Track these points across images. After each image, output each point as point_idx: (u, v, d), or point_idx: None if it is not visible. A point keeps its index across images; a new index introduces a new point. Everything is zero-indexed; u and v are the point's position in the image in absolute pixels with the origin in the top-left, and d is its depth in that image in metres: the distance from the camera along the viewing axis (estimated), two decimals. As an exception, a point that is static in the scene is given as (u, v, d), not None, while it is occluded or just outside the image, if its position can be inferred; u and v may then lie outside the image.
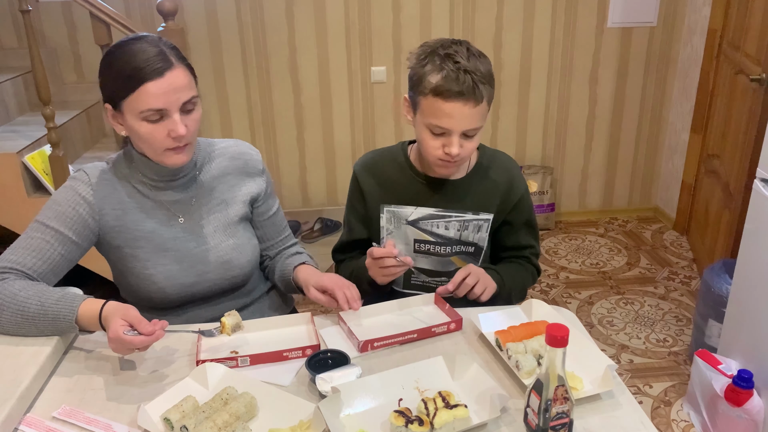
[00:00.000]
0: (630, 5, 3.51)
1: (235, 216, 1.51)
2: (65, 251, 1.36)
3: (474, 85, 1.36)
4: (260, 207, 1.56)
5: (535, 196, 3.70)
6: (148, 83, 1.26)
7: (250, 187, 1.53)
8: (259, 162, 1.55)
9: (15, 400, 1.11)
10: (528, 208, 1.64)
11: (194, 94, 1.33)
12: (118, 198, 1.42)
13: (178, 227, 1.45)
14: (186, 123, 1.32)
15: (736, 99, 2.90)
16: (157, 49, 1.28)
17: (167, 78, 1.27)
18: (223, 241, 1.48)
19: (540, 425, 1.01)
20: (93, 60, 3.32)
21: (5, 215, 2.60)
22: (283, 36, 3.43)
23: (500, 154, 1.65)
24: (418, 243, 1.59)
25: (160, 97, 1.27)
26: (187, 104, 1.31)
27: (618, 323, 2.85)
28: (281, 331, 1.38)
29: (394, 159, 1.62)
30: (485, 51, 1.48)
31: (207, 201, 1.48)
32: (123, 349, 1.19)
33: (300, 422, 1.08)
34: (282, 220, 1.64)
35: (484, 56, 1.42)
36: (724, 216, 2.96)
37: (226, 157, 1.52)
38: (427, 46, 1.43)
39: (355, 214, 1.66)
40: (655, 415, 2.30)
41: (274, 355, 1.27)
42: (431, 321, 1.40)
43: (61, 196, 1.39)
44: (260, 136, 3.59)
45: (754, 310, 2.03)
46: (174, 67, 1.29)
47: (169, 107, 1.28)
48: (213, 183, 1.49)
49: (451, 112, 1.37)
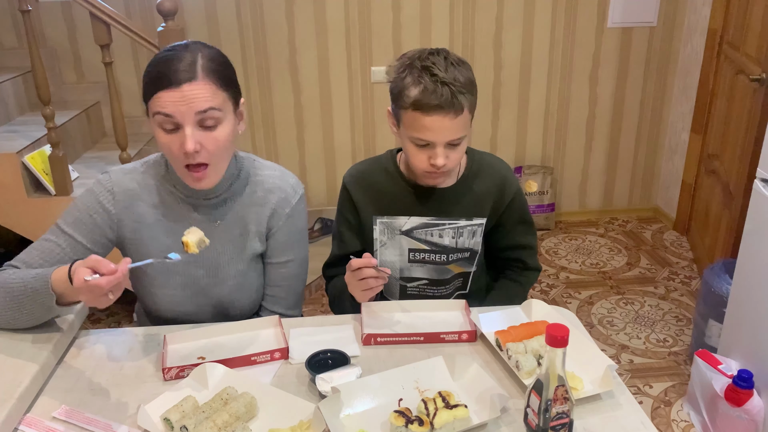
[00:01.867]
0: (630, 5, 3.51)
1: (252, 252, 1.44)
2: (77, 257, 1.31)
3: (452, 96, 1.34)
4: (267, 249, 1.47)
5: (535, 196, 3.70)
6: (161, 92, 1.22)
7: (271, 223, 1.44)
8: (289, 204, 1.44)
9: (15, 400, 1.11)
10: (521, 206, 1.62)
11: (212, 105, 1.23)
12: (141, 210, 1.38)
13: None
14: (202, 140, 1.24)
15: (736, 99, 2.90)
16: (189, 60, 1.22)
17: (184, 89, 1.21)
18: (232, 278, 1.44)
19: (540, 425, 1.01)
20: (93, 60, 3.31)
21: (5, 215, 2.59)
22: (283, 36, 3.43)
23: (490, 156, 1.62)
24: (413, 252, 1.58)
25: (170, 105, 1.22)
26: (205, 119, 1.23)
27: (618, 323, 2.85)
28: (248, 335, 1.36)
29: (383, 169, 1.59)
30: (485, 51, 1.48)
31: (230, 228, 1.42)
32: (94, 298, 1.12)
33: (300, 422, 1.08)
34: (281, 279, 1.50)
35: (463, 63, 1.40)
36: (724, 216, 2.96)
37: (263, 187, 1.43)
38: (405, 58, 1.41)
39: (347, 226, 1.61)
40: (655, 415, 2.29)
41: (242, 360, 1.26)
42: (447, 327, 1.38)
43: (81, 202, 1.38)
44: (260, 136, 3.59)
45: (754, 310, 2.02)
46: (197, 79, 1.22)
47: (178, 116, 1.22)
48: (242, 211, 1.42)
49: (432, 125, 1.36)
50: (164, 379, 1.22)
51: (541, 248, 3.58)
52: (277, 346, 1.31)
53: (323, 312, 2.95)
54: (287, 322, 1.41)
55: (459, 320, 1.42)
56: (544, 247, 3.61)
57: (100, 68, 2.79)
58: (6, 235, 2.96)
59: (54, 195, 2.57)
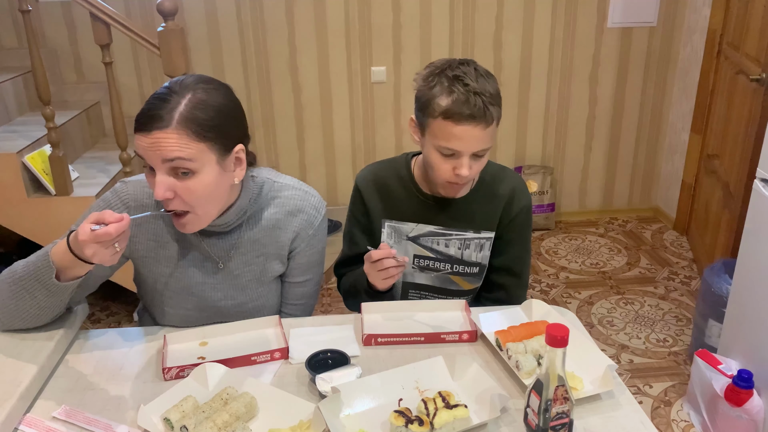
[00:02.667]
0: (630, 5, 3.51)
1: (272, 274, 1.43)
2: (93, 268, 1.25)
3: (485, 106, 1.33)
4: (287, 268, 1.46)
5: (535, 196, 3.70)
6: (136, 133, 1.18)
7: (293, 245, 1.42)
8: (312, 227, 1.42)
9: (15, 400, 1.11)
10: (524, 225, 1.57)
11: (180, 155, 1.16)
12: (156, 227, 1.35)
13: (210, 272, 1.39)
14: (175, 188, 1.19)
15: (736, 99, 2.90)
16: (170, 106, 1.16)
17: (153, 135, 1.16)
18: (251, 301, 1.42)
19: (540, 425, 1.01)
20: (93, 60, 3.32)
21: (5, 215, 2.59)
22: (283, 36, 3.43)
23: (505, 170, 1.60)
24: (418, 258, 1.58)
25: (141, 148, 1.18)
26: (175, 167, 1.17)
27: (618, 323, 2.85)
28: (248, 334, 1.36)
29: (397, 173, 1.58)
30: (485, 51, 1.48)
31: (247, 251, 1.39)
32: (101, 249, 1.10)
33: (300, 422, 1.08)
34: (298, 297, 1.50)
35: (490, 76, 1.40)
36: (724, 216, 2.96)
37: (284, 210, 1.40)
38: (434, 67, 1.40)
39: (359, 227, 1.62)
40: (655, 415, 2.29)
41: (243, 360, 1.26)
42: (447, 327, 1.38)
43: (96, 210, 1.32)
44: (260, 136, 3.59)
45: (754, 310, 2.03)
46: (169, 127, 1.15)
47: (149, 161, 1.18)
48: (258, 234, 1.38)
49: (462, 134, 1.35)
50: (164, 379, 1.23)
51: (541, 248, 3.58)
52: (277, 346, 1.31)
53: (323, 312, 2.95)
54: (287, 322, 1.41)
55: (459, 320, 1.42)
56: (544, 247, 3.61)
57: (100, 68, 2.80)
58: (6, 235, 2.96)
59: (54, 195, 2.57)
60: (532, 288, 3.15)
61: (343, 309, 1.78)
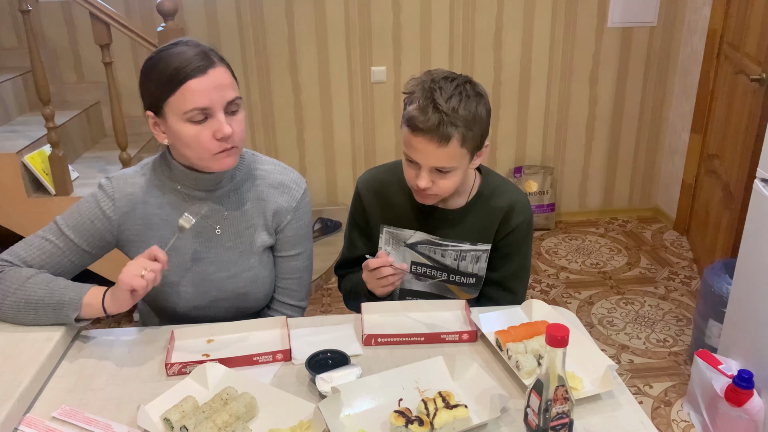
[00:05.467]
0: (630, 5, 3.51)
1: (261, 245, 1.46)
2: (76, 259, 1.39)
3: (439, 125, 1.30)
4: (276, 243, 1.50)
5: (535, 196, 3.70)
6: (190, 81, 1.24)
7: (278, 219, 1.47)
8: (294, 199, 1.48)
9: (15, 400, 1.11)
10: (522, 241, 1.54)
11: (237, 94, 1.30)
12: (144, 212, 1.40)
13: (204, 247, 1.42)
14: (231, 124, 1.29)
15: (736, 99, 2.90)
16: (197, 49, 1.27)
17: (210, 75, 1.25)
18: (244, 272, 1.44)
19: (540, 425, 1.01)
20: (93, 60, 3.31)
21: (5, 215, 2.60)
22: (283, 36, 3.43)
23: (507, 184, 1.57)
24: (416, 266, 1.58)
25: (204, 94, 1.24)
26: (231, 104, 1.29)
27: (618, 323, 2.85)
28: (254, 334, 1.37)
29: (397, 178, 1.56)
30: (485, 51, 1.47)
31: (238, 221, 1.44)
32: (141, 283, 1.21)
33: (300, 422, 1.08)
34: (292, 271, 1.52)
35: (476, 98, 1.35)
36: (724, 216, 2.96)
37: (266, 182, 1.46)
38: (425, 74, 1.39)
39: (359, 231, 1.63)
40: (655, 415, 2.29)
41: (244, 360, 1.27)
42: (447, 327, 1.38)
43: (83, 206, 1.39)
44: (260, 136, 3.59)
45: (754, 310, 2.02)
46: (216, 65, 1.27)
47: (213, 105, 1.26)
48: (247, 205, 1.44)
49: (417, 146, 1.35)
50: (167, 374, 1.23)
51: (541, 248, 3.58)
52: (281, 348, 1.31)
53: (323, 312, 2.95)
54: (288, 322, 1.41)
55: (459, 320, 1.42)
56: (544, 247, 3.61)
57: (100, 68, 2.80)
58: (6, 235, 2.96)
59: (54, 195, 2.57)
60: (532, 288, 3.15)
61: (343, 309, 1.78)
